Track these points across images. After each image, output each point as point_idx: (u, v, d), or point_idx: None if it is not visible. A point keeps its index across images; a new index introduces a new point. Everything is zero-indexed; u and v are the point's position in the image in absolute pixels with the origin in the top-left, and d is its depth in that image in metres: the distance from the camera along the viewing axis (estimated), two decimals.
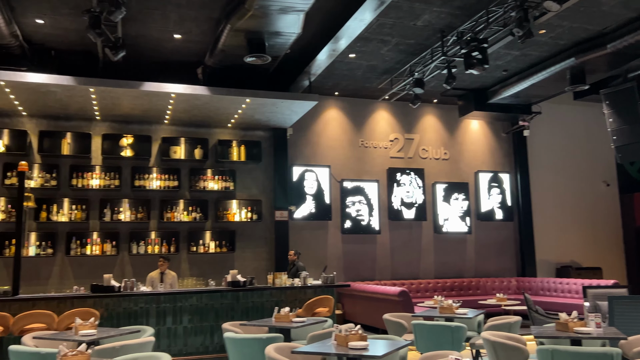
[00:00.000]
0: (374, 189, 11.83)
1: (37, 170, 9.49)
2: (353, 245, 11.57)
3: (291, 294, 8.09)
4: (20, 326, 6.26)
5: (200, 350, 7.47)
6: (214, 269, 10.13)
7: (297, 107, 9.60)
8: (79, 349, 3.71)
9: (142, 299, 7.35)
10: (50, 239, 9.41)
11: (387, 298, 9.15)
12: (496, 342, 4.91)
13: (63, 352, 3.63)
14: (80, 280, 9.21)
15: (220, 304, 7.68)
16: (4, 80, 7.83)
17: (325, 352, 4.09)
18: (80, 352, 3.67)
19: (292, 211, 11.06)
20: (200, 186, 10.34)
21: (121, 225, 9.84)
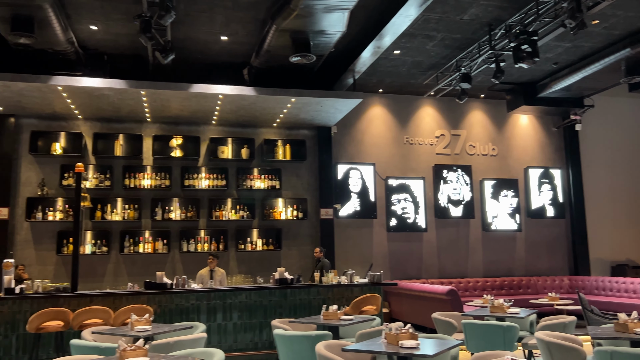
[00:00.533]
0: (420, 186, 11.70)
1: (92, 171, 9.86)
2: (399, 244, 11.49)
3: (338, 292, 8.11)
4: (79, 321, 6.53)
5: (249, 347, 7.59)
6: (261, 267, 10.27)
7: (341, 105, 9.61)
8: (137, 344, 3.83)
9: (193, 295, 7.53)
10: (104, 237, 9.76)
11: (435, 297, 9.05)
12: (551, 343, 4.78)
13: (122, 346, 3.76)
14: (133, 278, 9.53)
15: (268, 301, 7.78)
16: (62, 85, 8.17)
17: (376, 351, 4.09)
18: (138, 347, 3.79)
19: (337, 209, 11.09)
20: (247, 185, 10.50)
21: (172, 223, 10.11)
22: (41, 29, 7.15)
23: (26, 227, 9.54)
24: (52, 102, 8.92)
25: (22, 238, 9.51)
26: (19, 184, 9.60)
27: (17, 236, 9.49)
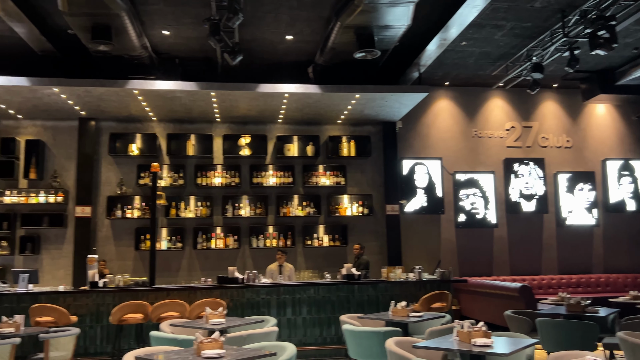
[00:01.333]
0: (490, 180, 11.38)
1: (166, 170, 10.30)
2: (468, 240, 11.24)
3: (406, 289, 8.05)
4: (157, 314, 6.86)
5: (319, 341, 7.69)
6: (327, 262, 10.36)
7: (406, 99, 9.51)
8: (213, 336, 3.98)
9: (263, 290, 7.72)
10: (179, 233, 10.18)
11: (507, 294, 8.79)
12: (636, 344, 4.53)
13: (199, 339, 3.92)
14: (206, 272, 9.89)
15: (336, 297, 7.84)
16: (137, 89, 8.59)
17: (448, 348, 4.03)
18: (214, 340, 3.94)
19: (403, 205, 10.98)
20: (312, 182, 10.61)
21: (242, 220, 10.39)
22: (118, 36, 7.54)
23: (107, 225, 10.11)
24: (129, 105, 9.39)
25: (104, 235, 10.09)
26: (100, 184, 10.18)
27: (99, 233, 10.07)
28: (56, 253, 9.89)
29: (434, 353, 4.51)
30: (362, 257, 9.45)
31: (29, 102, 9.08)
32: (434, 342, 4.25)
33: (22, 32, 7.66)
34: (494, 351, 3.88)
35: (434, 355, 4.65)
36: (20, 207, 9.79)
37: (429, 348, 4.13)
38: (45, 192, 9.83)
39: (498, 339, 4.34)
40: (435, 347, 4.11)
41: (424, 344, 4.18)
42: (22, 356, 6.51)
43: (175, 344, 5.02)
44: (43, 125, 10.17)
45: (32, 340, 6.85)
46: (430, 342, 4.27)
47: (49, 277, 9.72)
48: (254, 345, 4.74)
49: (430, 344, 4.20)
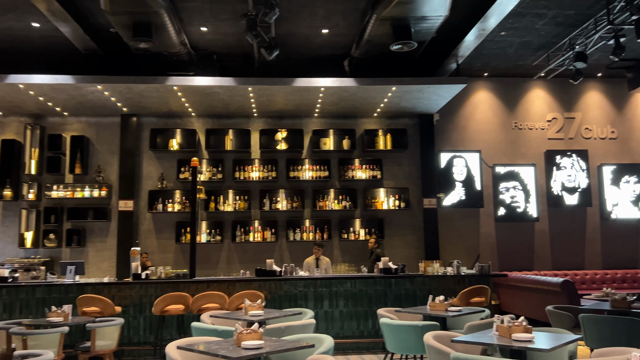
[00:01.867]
0: (530, 173, 11.13)
1: (205, 165, 10.48)
2: (508, 234, 11.03)
3: (444, 283, 7.98)
4: (198, 305, 7.02)
5: (356, 334, 7.71)
6: (364, 256, 10.35)
7: (444, 91, 9.39)
8: (252, 327, 4.05)
9: (300, 283, 7.78)
10: (218, 227, 10.36)
11: (549, 289, 8.60)
12: None
13: (239, 330, 3.99)
14: (244, 265, 10.05)
15: (373, 290, 7.84)
16: (177, 85, 8.76)
17: (487, 343, 3.99)
18: (253, 331, 4.01)
19: (441, 198, 10.87)
20: (348, 175, 10.61)
21: (279, 213, 10.49)
22: (158, 33, 7.70)
23: (149, 218, 10.37)
24: (169, 101, 9.59)
25: (146, 228, 10.36)
26: (141, 178, 10.45)
27: (141, 226, 10.35)
28: (101, 245, 10.22)
29: (472, 348, 4.46)
30: (377, 251, 9.39)
31: (74, 99, 9.39)
32: (472, 337, 4.21)
33: (67, 32, 7.92)
34: (535, 346, 3.82)
35: (473, 350, 4.61)
36: (67, 201, 10.15)
37: (468, 342, 4.10)
38: (89, 187, 10.15)
39: (539, 334, 4.26)
40: (474, 342, 4.06)
41: (462, 338, 4.14)
42: (70, 345, 6.77)
43: (216, 335, 5.13)
44: (87, 121, 10.50)
45: (80, 329, 7.13)
46: (469, 337, 4.22)
47: (94, 268, 10.06)
48: (292, 337, 4.80)
49: (469, 338, 4.16)
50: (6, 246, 10.00)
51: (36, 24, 8.09)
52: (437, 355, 4.23)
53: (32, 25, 8.14)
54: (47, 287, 7.42)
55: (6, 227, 10.07)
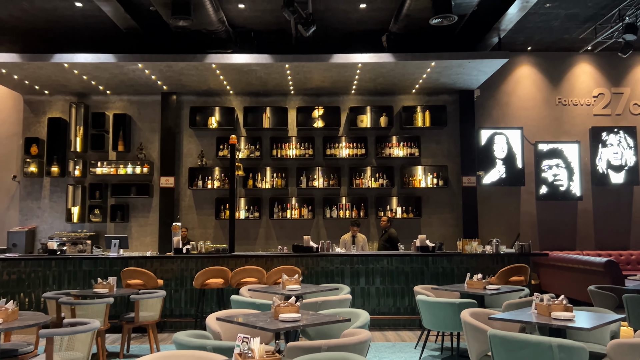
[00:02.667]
0: (574, 150, 10.79)
1: (244, 142, 10.58)
2: (549, 213, 10.78)
3: (482, 262, 7.89)
4: (237, 279, 7.17)
5: (392, 311, 7.74)
6: (401, 234, 10.26)
7: (485, 66, 9.15)
8: (289, 301, 4.12)
9: (337, 259, 7.84)
10: (256, 204, 10.50)
11: (591, 269, 8.40)
12: None
13: (277, 303, 4.07)
14: (281, 241, 10.17)
15: (410, 268, 7.83)
16: (215, 63, 8.83)
17: (526, 321, 3.94)
18: (290, 304, 4.08)
19: (481, 176, 10.68)
20: (385, 153, 10.54)
21: (315, 191, 10.54)
22: (196, 11, 7.75)
23: (189, 195, 10.60)
24: (207, 79, 9.69)
25: (186, 204, 10.60)
26: (182, 156, 10.66)
27: (181, 202, 10.59)
28: (143, 221, 10.52)
29: (510, 326, 4.42)
30: (390, 230, 9.28)
31: (116, 77, 9.59)
32: (511, 315, 4.17)
33: (108, 11, 8.06)
34: (575, 325, 3.75)
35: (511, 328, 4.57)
36: (111, 177, 10.46)
37: (505, 320, 4.06)
38: (132, 164, 10.43)
39: (580, 313, 4.19)
40: (512, 319, 4.02)
41: (500, 316, 4.10)
42: (115, 315, 7.05)
43: (254, 308, 5.25)
44: (129, 100, 10.73)
45: (124, 300, 7.40)
46: (507, 314, 4.19)
47: (137, 243, 10.38)
48: (328, 311, 4.86)
49: (507, 315, 4.12)
50: (54, 221, 10.42)
51: (79, 3, 8.27)
52: (474, 333, 4.21)
53: (75, 5, 8.32)
54: (93, 260, 7.71)
55: (54, 203, 10.48)
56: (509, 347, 3.56)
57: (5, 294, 7.36)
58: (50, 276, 7.62)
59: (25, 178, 10.44)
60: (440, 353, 6.20)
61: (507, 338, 3.57)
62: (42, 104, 10.64)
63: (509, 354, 3.57)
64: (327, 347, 3.45)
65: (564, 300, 4.09)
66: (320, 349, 3.45)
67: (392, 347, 6.52)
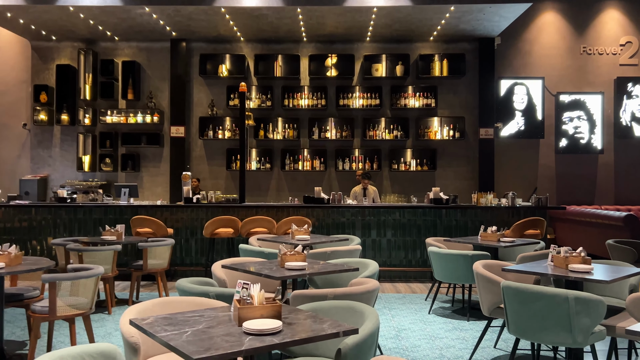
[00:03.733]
0: (597, 102, 10.37)
1: (255, 92, 10.33)
2: (569, 166, 10.47)
3: (497, 215, 7.72)
4: (247, 229, 7.10)
5: (403, 263, 7.65)
6: (414, 187, 10.14)
7: (507, 11, 8.68)
8: (296, 249, 4.01)
9: (348, 211, 7.72)
10: (267, 155, 10.34)
11: (610, 223, 8.18)
12: None
13: (283, 251, 3.96)
14: (293, 193, 10.05)
15: (422, 220, 7.69)
16: (224, 7, 8.48)
17: (541, 273, 3.78)
18: (297, 253, 3.96)
19: (499, 128, 10.35)
20: (400, 104, 10.22)
21: (328, 143, 10.33)
22: None
23: (200, 145, 10.46)
24: (217, 24, 9.35)
25: (197, 154, 10.48)
26: (192, 105, 10.46)
27: (192, 152, 10.47)
28: (154, 171, 10.45)
29: (524, 278, 4.28)
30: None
31: (124, 22, 9.31)
32: (526, 266, 4.01)
33: None
34: (593, 277, 3.58)
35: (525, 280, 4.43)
36: (121, 126, 10.34)
37: (520, 272, 3.91)
38: (142, 113, 10.27)
39: (598, 266, 4.02)
40: (527, 271, 3.87)
41: (514, 267, 3.95)
42: (124, 263, 7.06)
43: (262, 256, 5.16)
44: (138, 46, 10.47)
45: (134, 249, 7.40)
46: (521, 266, 4.03)
47: (149, 193, 10.35)
48: (337, 261, 4.75)
49: (521, 267, 3.96)
50: (66, 169, 10.39)
51: None
52: (486, 284, 4.07)
53: None
54: (103, 208, 7.68)
55: (65, 151, 10.42)
56: (523, 299, 3.41)
57: (16, 241, 7.39)
58: (61, 224, 7.63)
59: (36, 126, 10.36)
60: (451, 305, 6.13)
61: (521, 290, 3.42)
62: (50, 51, 10.43)
63: (522, 306, 3.43)
64: (333, 296, 3.34)
65: (582, 252, 3.92)
66: (326, 297, 3.34)
67: (403, 298, 6.46)
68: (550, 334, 3.39)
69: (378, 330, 2.72)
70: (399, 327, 5.15)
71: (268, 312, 2.36)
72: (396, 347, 4.54)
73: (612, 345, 3.72)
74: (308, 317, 2.49)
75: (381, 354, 4.38)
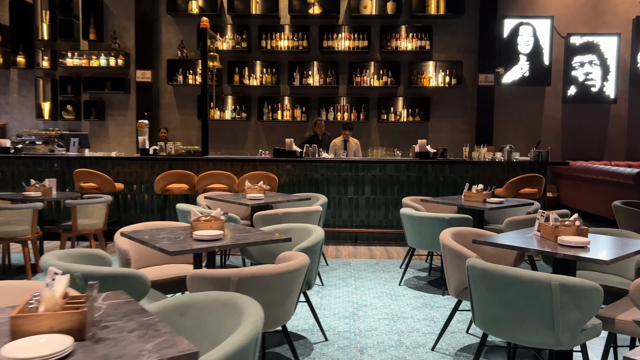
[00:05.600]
0: (613, 45, 9.24)
1: (229, 32, 9.31)
2: (577, 118, 9.46)
3: (491, 171, 6.81)
4: (202, 185, 6.26)
5: (383, 224, 6.83)
6: (406, 140, 9.19)
7: None
8: (213, 213, 3.17)
9: (323, 166, 6.85)
10: (244, 103, 9.41)
11: (620, 181, 7.26)
12: None
13: (195, 216, 3.12)
14: (272, 145, 9.11)
15: (405, 177, 6.81)
16: None
17: (521, 247, 2.92)
18: (215, 218, 3.13)
19: (500, 74, 9.28)
20: (391, 46, 9.16)
21: (310, 90, 9.35)
22: None
23: (169, 91, 9.53)
24: None
25: (167, 102, 9.56)
26: (160, 46, 9.46)
27: (161, 100, 9.56)
28: (121, 119, 9.58)
29: (505, 253, 3.45)
30: (326, 135, 8.07)
31: None
32: (504, 238, 3.14)
33: None
34: (588, 256, 2.71)
35: (505, 256, 3.58)
36: (83, 70, 9.40)
37: (492, 245, 3.06)
38: (105, 55, 9.32)
39: (598, 238, 3.14)
40: (501, 245, 3.01)
41: (485, 240, 3.08)
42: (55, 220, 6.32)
43: None
44: None
45: None
46: (499, 237, 3.16)
47: (115, 144, 9.52)
48: (279, 227, 3.92)
49: (497, 239, 3.10)
50: (25, 117, 9.55)
51: None
52: (454, 259, 3.23)
53: None
54: (50, 159, 6.88)
55: (23, 97, 9.55)
56: (491, 283, 2.57)
57: None
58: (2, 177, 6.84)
59: None
60: (427, 274, 5.32)
61: (489, 272, 2.57)
62: None
63: (492, 292, 2.59)
64: (238, 278, 2.52)
65: (577, 220, 3.03)
66: (229, 280, 2.52)
67: (375, 265, 5.66)
68: (526, 332, 2.55)
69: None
70: (359, 303, 4.37)
71: (58, 325, 1.52)
72: (347, 331, 3.76)
73: (609, 340, 2.88)
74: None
75: (325, 339, 3.61)
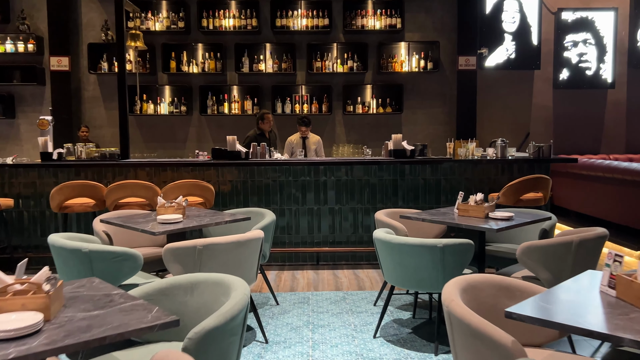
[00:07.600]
0: (609, 21, 8.12)
1: (165, 9, 7.80)
2: (570, 105, 8.32)
3: (481, 171, 5.53)
4: (113, 200, 4.76)
5: (351, 240, 5.46)
6: (377, 135, 7.91)
7: None
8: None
9: (274, 169, 5.42)
10: (183, 94, 7.93)
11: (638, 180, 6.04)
12: None
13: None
14: (219, 144, 7.66)
15: (377, 180, 5.45)
16: None
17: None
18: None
19: (483, 55, 8.03)
20: (357, 25, 7.81)
21: (262, 78, 7.93)
22: None
23: (93, 81, 7.96)
24: None
25: (90, 95, 7.99)
26: (80, 28, 7.88)
27: (84, 92, 7.98)
28: (34, 117, 7.89)
29: None
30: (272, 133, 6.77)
31: None
32: None
33: None
34: None
35: None
36: None
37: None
38: (12, 40, 7.70)
39: None
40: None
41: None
42: None
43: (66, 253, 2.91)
44: None
45: None
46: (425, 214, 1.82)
47: (29, 146, 7.91)
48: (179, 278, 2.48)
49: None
50: None
51: None
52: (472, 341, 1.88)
53: None
54: None
55: None
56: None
57: None
58: None
59: None
60: (412, 316, 3.94)
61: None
62: None
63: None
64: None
65: None
66: None
67: (342, 301, 4.27)
68: None
69: None
70: None
71: None
72: None
73: None
74: None
75: None
